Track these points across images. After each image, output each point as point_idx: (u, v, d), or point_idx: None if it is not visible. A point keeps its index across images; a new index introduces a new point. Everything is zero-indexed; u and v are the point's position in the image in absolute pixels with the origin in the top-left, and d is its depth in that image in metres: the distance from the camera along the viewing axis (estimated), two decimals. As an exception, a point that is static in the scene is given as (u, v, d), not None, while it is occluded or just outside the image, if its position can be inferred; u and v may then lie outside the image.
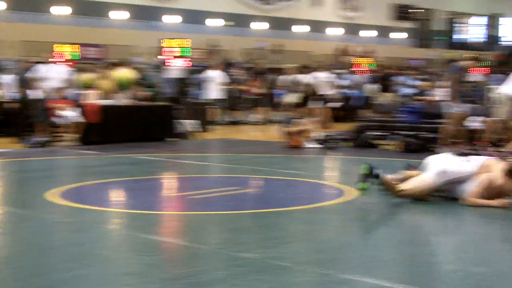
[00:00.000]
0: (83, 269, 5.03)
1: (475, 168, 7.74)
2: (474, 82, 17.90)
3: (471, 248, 5.93)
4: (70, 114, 15.22)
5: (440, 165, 7.85)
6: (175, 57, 20.89)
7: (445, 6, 55.73)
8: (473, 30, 60.55)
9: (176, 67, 21.12)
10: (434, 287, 4.63)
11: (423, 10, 54.98)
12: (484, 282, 4.72)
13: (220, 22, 41.94)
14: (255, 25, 43.82)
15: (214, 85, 21.59)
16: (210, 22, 41.53)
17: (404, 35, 52.35)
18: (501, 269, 5.15)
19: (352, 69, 35.14)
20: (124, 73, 18.01)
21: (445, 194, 7.88)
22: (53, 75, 16.09)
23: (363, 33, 49.29)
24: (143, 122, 16.06)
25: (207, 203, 8.09)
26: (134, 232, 6.36)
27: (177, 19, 39.64)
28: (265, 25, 44.05)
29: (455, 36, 59.47)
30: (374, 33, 49.65)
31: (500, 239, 6.38)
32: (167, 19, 39.44)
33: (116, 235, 6.50)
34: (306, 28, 45.92)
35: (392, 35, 51.57)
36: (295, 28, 45.59)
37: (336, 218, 7.37)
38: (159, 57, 26.06)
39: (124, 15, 37.40)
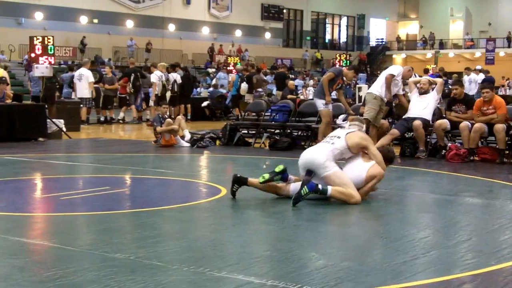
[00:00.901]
0: None
1: (344, 142, 7.90)
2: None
3: (342, 243, 6.09)
4: None
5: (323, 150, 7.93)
6: (39, 55, 20.34)
7: (314, 7, 57.00)
8: (342, 31, 62.34)
9: (43, 65, 20.59)
10: (305, 282, 4.71)
11: (292, 11, 56.04)
12: (351, 276, 4.86)
13: (90, 20, 41.33)
14: (125, 23, 43.42)
15: (85, 83, 21.23)
16: (80, 20, 40.83)
17: (274, 34, 53.17)
18: (369, 263, 5.31)
19: (223, 68, 35.34)
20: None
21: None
22: None
23: (233, 33, 49.74)
24: (10, 121, 15.54)
25: (78, 204, 7.93)
26: (1, 235, 6.14)
27: (46, 16, 38.76)
28: (135, 24, 43.72)
29: (323, 36, 61.01)
30: (244, 33, 50.20)
31: (372, 235, 6.58)
32: (35, 16, 38.49)
33: (-19, 239, 6.27)
34: (177, 27, 45.91)
35: (262, 34, 52.28)
36: (166, 27, 45.50)
37: (209, 216, 7.38)
38: (27, 55, 25.32)
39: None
